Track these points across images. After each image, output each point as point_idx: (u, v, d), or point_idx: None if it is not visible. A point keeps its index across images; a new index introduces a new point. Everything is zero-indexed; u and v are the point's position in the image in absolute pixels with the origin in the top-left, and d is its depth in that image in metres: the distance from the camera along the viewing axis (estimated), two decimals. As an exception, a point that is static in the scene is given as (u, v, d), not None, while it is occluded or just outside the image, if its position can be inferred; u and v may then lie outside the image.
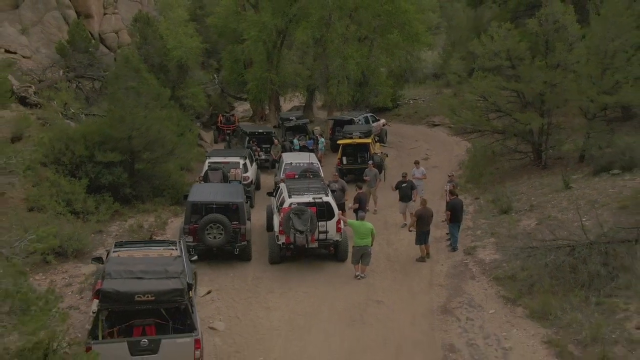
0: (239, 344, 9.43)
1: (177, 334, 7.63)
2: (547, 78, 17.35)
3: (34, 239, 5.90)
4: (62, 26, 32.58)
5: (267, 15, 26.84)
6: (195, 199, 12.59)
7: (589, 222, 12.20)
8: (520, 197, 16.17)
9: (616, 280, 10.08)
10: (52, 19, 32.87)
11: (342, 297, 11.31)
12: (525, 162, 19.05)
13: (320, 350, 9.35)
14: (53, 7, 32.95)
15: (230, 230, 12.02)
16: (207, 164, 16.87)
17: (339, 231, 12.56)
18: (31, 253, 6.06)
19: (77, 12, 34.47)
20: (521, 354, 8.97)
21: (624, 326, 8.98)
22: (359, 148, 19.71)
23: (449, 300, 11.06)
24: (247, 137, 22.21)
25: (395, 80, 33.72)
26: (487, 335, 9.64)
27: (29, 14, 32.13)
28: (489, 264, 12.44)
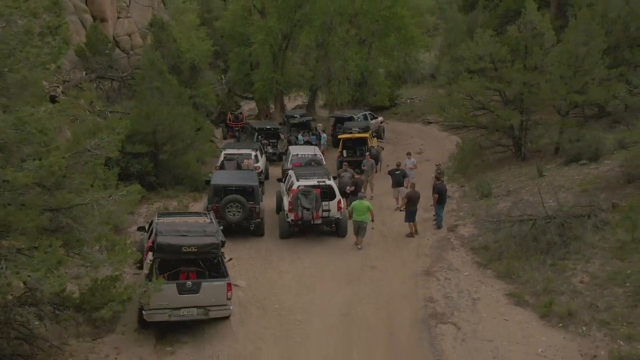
0: (259, 297, 11.56)
1: (213, 279, 9.77)
2: (525, 79, 19.42)
3: (124, 194, 8.04)
4: (79, 30, 34.69)
5: (273, 20, 28.92)
6: (217, 182, 14.76)
7: (554, 203, 14.30)
8: (500, 184, 18.29)
9: (568, 247, 12.22)
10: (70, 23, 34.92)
11: (342, 263, 13.45)
12: (507, 155, 21.13)
13: (324, 301, 11.49)
14: (71, 11, 35.06)
15: (247, 208, 14.16)
16: (223, 155, 19.00)
17: (339, 210, 14.71)
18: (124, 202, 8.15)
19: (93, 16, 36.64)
20: (487, 303, 11.09)
21: (570, 281, 11.11)
22: (358, 142, 21.84)
23: (431, 265, 13.19)
24: (256, 132, 24.35)
25: (393, 80, 35.82)
26: (461, 290, 11.77)
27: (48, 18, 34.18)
28: (467, 238, 14.59)
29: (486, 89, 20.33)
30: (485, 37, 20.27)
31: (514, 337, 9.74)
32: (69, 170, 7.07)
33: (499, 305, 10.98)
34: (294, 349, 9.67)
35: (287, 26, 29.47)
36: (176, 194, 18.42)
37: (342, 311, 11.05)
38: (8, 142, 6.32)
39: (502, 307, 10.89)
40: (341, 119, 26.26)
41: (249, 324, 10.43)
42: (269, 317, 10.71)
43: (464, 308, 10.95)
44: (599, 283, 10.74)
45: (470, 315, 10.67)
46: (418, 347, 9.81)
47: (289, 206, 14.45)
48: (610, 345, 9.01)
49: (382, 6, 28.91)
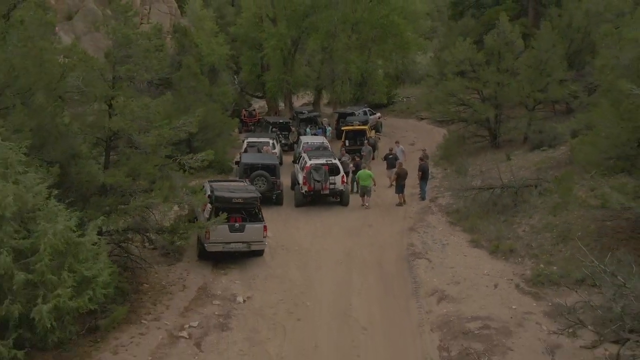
0: (283, 243, 15.39)
1: (254, 222, 13.62)
2: (498, 80, 23.26)
3: (202, 156, 11.86)
4: (108, 35, 38.60)
5: (284, 28, 32.78)
6: (247, 161, 18.64)
7: (513, 177, 18.12)
8: (475, 167, 22.10)
9: (518, 208, 16.07)
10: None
11: (345, 223, 17.30)
12: (484, 144, 24.97)
13: (332, 246, 15.33)
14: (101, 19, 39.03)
15: (270, 181, 18.00)
16: (246, 142, 22.85)
17: (343, 183, 18.56)
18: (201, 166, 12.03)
19: (119, 22, 40.47)
20: (452, 247, 14.91)
21: (516, 231, 14.93)
22: (358, 133, 25.69)
23: (414, 224, 17.02)
24: (271, 126, 28.22)
25: (391, 80, 39.70)
26: (435, 239, 15.59)
27: (81, 25, 38.10)
28: (444, 206, 18.43)
29: (466, 88, 24.19)
30: (465, 44, 24.15)
31: (468, 265, 13.56)
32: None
33: (461, 248, 14.81)
34: (310, 273, 13.52)
35: (296, 32, 33.32)
36: (207, 175, 22.21)
37: (345, 252, 14.90)
38: (138, 119, 10.13)
39: (463, 249, 14.72)
40: (344, 115, 30.10)
41: (277, 257, 14.29)
42: (292, 254, 14.58)
43: (435, 249, 14.79)
44: (535, 231, 14.56)
45: (439, 253, 14.50)
46: (400, 273, 13.66)
47: (303, 180, 18.29)
48: (534, 268, 12.82)
49: (380, 15, 32.71)
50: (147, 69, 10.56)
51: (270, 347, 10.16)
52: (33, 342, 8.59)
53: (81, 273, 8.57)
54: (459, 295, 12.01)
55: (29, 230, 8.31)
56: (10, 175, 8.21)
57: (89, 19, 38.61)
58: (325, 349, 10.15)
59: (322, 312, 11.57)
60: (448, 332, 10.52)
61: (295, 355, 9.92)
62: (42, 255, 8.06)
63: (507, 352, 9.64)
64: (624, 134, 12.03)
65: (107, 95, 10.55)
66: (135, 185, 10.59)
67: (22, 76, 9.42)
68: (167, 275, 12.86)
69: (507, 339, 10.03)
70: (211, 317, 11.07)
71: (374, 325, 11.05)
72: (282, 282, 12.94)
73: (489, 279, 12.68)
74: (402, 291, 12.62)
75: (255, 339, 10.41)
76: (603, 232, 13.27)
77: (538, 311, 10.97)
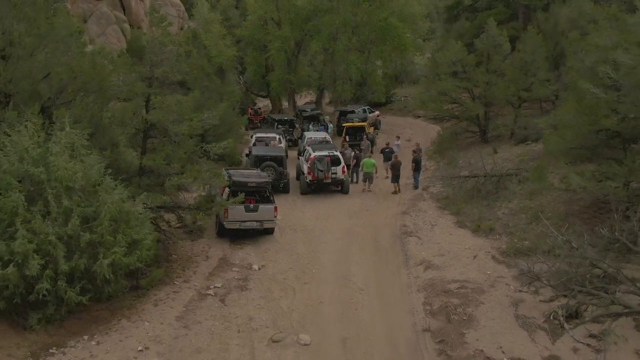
0: (290, 223, 17.38)
1: (266, 203, 15.63)
2: (487, 80, 25.21)
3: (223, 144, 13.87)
4: (120, 37, 40.69)
5: (288, 30, 34.78)
6: (257, 153, 20.66)
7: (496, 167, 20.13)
8: (466, 159, 24.10)
9: (499, 194, 18.08)
10: (112, 32, 40.96)
11: (345, 208, 19.30)
12: (474, 139, 26.95)
13: (334, 226, 17.32)
14: (113, 21, 41.09)
15: (278, 171, 19.98)
16: (255, 137, 24.85)
17: (343, 173, 20.56)
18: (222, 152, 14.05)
19: (131, 25, 42.65)
20: (440, 227, 16.91)
21: (496, 213, 16.93)
22: (357, 129, 27.67)
23: (407, 209, 19.03)
24: (276, 123, 30.21)
25: (389, 81, 41.69)
26: (425, 221, 17.59)
27: (95, 28, 40.14)
28: (435, 194, 20.44)
29: (458, 87, 26.16)
30: (457, 47, 26.15)
31: (453, 241, 15.56)
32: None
33: (448, 227, 16.83)
34: (315, 248, 15.53)
35: (299, 35, 35.32)
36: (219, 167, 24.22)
37: (346, 231, 16.91)
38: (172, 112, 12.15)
39: (449, 228, 16.73)
40: (344, 112, 32.08)
41: (286, 235, 16.30)
42: (298, 233, 16.59)
43: (425, 229, 16.80)
44: (512, 213, 16.58)
45: (428, 232, 16.52)
46: (393, 247, 15.66)
47: (308, 170, 20.30)
48: (509, 243, 14.81)
49: (379, 18, 34.64)
50: (179, 71, 12.58)
51: (282, 302, 12.17)
52: (92, 293, 10.60)
53: (131, 236, 10.60)
54: (443, 264, 14.02)
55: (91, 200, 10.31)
56: (76, 156, 10.23)
57: (102, 21, 40.70)
58: (328, 304, 12.15)
59: (326, 277, 13.57)
60: (431, 292, 12.53)
61: (303, 308, 11.92)
62: (103, 220, 10.09)
63: (480, 305, 11.64)
64: (584, 127, 14.00)
65: (145, 92, 12.56)
66: (169, 168, 12.62)
67: (79, 76, 11.42)
68: (192, 249, 14.89)
69: (480, 295, 12.03)
70: (232, 280, 13.10)
71: (370, 287, 13.05)
72: (290, 254, 14.95)
73: (470, 252, 14.69)
74: (394, 261, 14.62)
75: (270, 297, 12.42)
76: (570, 212, 15.31)
77: (509, 276, 12.97)
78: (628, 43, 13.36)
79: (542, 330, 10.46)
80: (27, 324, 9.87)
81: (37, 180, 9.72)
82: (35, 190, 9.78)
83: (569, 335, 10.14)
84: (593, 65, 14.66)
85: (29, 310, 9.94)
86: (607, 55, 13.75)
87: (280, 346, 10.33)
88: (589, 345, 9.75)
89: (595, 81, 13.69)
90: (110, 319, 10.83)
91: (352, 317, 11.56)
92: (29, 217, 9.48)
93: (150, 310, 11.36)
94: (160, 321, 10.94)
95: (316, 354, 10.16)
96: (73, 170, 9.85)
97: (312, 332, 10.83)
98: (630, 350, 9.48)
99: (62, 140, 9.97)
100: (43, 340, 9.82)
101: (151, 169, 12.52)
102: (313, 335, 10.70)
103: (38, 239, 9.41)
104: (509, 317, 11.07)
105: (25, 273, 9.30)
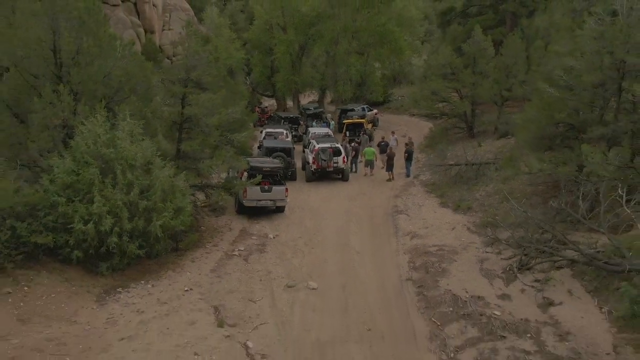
0: (298, 204, 20.25)
1: (278, 185, 18.50)
2: (473, 81, 28.08)
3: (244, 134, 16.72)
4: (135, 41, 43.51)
5: (292, 35, 37.66)
6: (268, 145, 23.52)
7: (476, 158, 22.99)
8: (453, 151, 26.89)
9: (478, 179, 20.95)
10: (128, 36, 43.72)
11: (345, 192, 22.18)
12: (463, 135, 29.81)
13: (335, 207, 20.19)
14: (129, 26, 43.95)
15: (286, 160, 22.84)
16: (265, 132, 27.72)
17: (344, 163, 23.43)
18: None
19: (145, 29, 45.52)
20: (426, 207, 19.77)
21: (474, 195, 19.81)
22: (357, 126, 30.57)
23: (399, 193, 21.91)
24: (282, 120, 33.10)
25: (387, 81, 44.57)
26: (414, 202, 20.46)
27: (112, 32, 42.88)
28: (424, 180, 23.32)
29: (447, 87, 29.04)
30: (447, 51, 29.02)
31: (436, 217, 18.42)
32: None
33: (433, 207, 19.70)
34: (320, 222, 18.39)
35: (303, 39, 38.20)
36: (232, 158, 27.12)
37: (345, 210, 19.77)
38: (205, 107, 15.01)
39: (434, 208, 19.61)
40: (345, 111, 34.98)
41: (294, 213, 19.17)
42: (305, 211, 19.46)
43: (413, 209, 19.67)
44: (488, 195, 19.45)
45: (416, 211, 19.39)
46: (385, 222, 18.53)
47: (312, 160, 23.16)
48: (483, 217, 17.66)
49: (377, 24, 37.52)
50: (210, 74, 15.47)
51: (294, 261, 15.03)
52: (146, 249, 13.45)
53: (176, 204, 13.47)
54: (426, 234, 16.89)
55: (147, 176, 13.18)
56: (134, 141, 13.10)
57: (119, 26, 43.55)
58: (331, 262, 15.01)
59: (329, 244, 16.44)
60: (415, 253, 15.39)
61: (311, 265, 14.78)
62: (156, 190, 12.97)
63: (452, 262, 14.48)
64: (544, 121, 16.85)
65: (181, 92, 15.45)
66: (202, 153, 15.51)
67: (132, 78, 14.29)
68: (217, 222, 17.77)
69: (453, 255, 14.89)
70: (252, 245, 15.97)
71: (365, 251, 15.92)
72: (299, 227, 17.83)
73: (449, 225, 17.56)
74: (386, 233, 17.50)
75: (284, 257, 15.29)
76: (535, 192, 18.19)
77: (479, 242, 15.81)
78: (578, 51, 16.22)
79: (500, 279, 13.31)
80: (98, 271, 12.74)
81: (108, 158, 12.59)
82: (106, 167, 12.65)
83: (519, 281, 12.99)
84: (551, 69, 17.54)
85: (99, 260, 12.82)
86: (562, 61, 16.61)
87: (293, 290, 13.21)
88: (533, 287, 12.59)
89: (552, 83, 16.58)
90: (159, 271, 13.71)
91: (350, 271, 14.42)
92: (102, 187, 12.36)
93: (189, 265, 14.25)
94: (198, 272, 13.82)
95: (322, 295, 13.02)
96: (134, 151, 12.73)
97: (318, 281, 13.69)
98: (564, 291, 12.30)
99: (125, 129, 12.85)
100: (111, 283, 12.71)
101: (187, 154, 15.40)
102: (319, 283, 13.57)
103: (109, 203, 12.28)
104: (475, 270, 13.91)
105: (99, 229, 12.17)
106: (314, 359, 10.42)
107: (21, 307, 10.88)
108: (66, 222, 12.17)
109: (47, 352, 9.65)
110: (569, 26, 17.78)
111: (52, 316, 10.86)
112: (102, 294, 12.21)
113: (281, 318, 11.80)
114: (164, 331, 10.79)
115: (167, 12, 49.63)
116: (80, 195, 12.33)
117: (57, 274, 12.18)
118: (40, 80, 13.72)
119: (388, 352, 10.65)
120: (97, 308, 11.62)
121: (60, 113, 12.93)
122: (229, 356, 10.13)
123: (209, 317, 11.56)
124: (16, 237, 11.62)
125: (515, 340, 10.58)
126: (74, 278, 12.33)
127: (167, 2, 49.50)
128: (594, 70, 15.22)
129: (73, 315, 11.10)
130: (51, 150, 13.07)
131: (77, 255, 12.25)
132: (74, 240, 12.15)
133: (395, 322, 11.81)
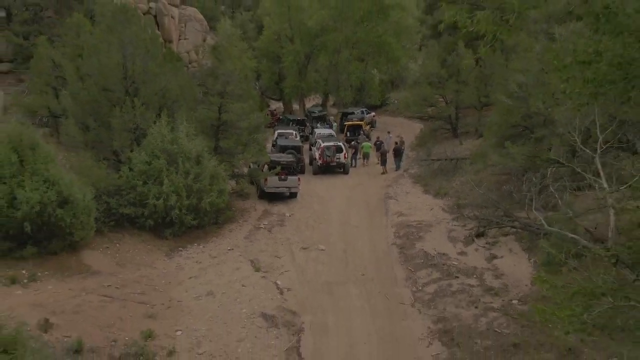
0: (308, 192, 24.74)
1: (292, 175, 23.02)
2: (456, 88, 32.58)
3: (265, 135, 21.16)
4: (156, 49, 47.89)
5: (299, 45, 42.17)
6: (281, 143, 28.07)
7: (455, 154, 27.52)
8: (439, 149, 31.43)
9: (455, 172, 25.47)
10: (150, 45, 48.11)
11: (346, 183, 26.72)
12: (448, 135, 34.30)
13: (338, 195, 24.72)
14: (150, 36, 48.31)
15: (297, 156, 27.34)
16: (277, 133, 32.24)
17: (345, 158, 27.98)
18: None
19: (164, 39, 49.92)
20: (412, 194, 24.29)
21: (452, 184, 24.33)
22: (356, 127, 35.12)
23: (391, 184, 26.43)
24: (291, 122, 37.65)
25: (385, 86, 49.10)
26: (402, 190, 24.99)
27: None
28: (413, 174, 27.86)
29: (434, 93, 33.56)
30: (434, 62, 33.57)
31: (419, 201, 22.94)
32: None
33: (417, 194, 24.22)
34: (326, 206, 22.92)
35: (309, 49, 42.70)
36: (249, 155, 31.61)
37: (346, 197, 24.31)
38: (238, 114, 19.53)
39: (418, 194, 24.13)
40: (346, 114, 39.52)
41: (305, 198, 23.71)
42: (314, 198, 24.00)
43: (401, 195, 24.19)
44: (462, 184, 23.93)
45: (403, 197, 23.91)
46: (378, 205, 23.06)
47: (318, 156, 27.70)
48: (455, 201, 22.14)
49: (375, 35, 42.00)
50: (240, 87, 20.00)
51: (306, 232, 19.56)
52: (197, 221, 17.96)
53: (219, 187, 18.01)
54: (409, 213, 21.41)
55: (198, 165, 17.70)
56: (190, 139, 17.64)
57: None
58: (335, 234, 19.54)
59: (333, 221, 20.96)
60: (400, 226, 19.91)
61: (319, 236, 19.30)
62: (205, 176, 17.51)
63: (427, 232, 18.99)
64: (503, 122, 21.36)
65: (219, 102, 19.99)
66: (236, 149, 20.07)
67: (184, 91, 18.82)
68: (244, 205, 22.33)
69: (429, 227, 19.40)
70: (274, 221, 20.51)
71: (362, 226, 20.46)
72: (309, 209, 22.37)
73: (429, 206, 22.08)
74: (379, 213, 22.03)
75: (299, 229, 19.82)
76: (499, 180, 22.68)
77: (450, 218, 20.31)
78: (529, 68, 20.72)
79: (461, 242, 17.83)
80: (163, 235, 17.29)
81: (172, 152, 17.14)
82: (170, 158, 17.18)
83: (475, 244, 17.50)
84: (509, 82, 22.06)
85: (164, 228, 17.35)
86: (515, 77, 21.12)
87: (307, 250, 17.74)
88: (484, 247, 17.10)
89: (508, 93, 21.09)
90: (206, 237, 18.27)
91: (350, 240, 18.96)
92: (168, 173, 16.89)
93: (227, 234, 18.80)
94: (235, 238, 18.38)
95: (328, 254, 17.55)
96: (190, 147, 17.27)
97: (325, 245, 18.23)
98: (506, 249, 16.80)
99: (184, 131, 17.40)
100: (173, 244, 17.26)
101: (223, 150, 19.95)
102: (326, 247, 18.11)
103: (174, 185, 16.81)
104: (444, 237, 18.43)
105: (167, 204, 16.70)
106: (324, 292, 14.95)
107: (117, 257, 15.45)
108: (142, 199, 16.71)
109: (143, 283, 14.20)
110: (528, 46, 22.19)
111: (139, 263, 15.44)
112: (169, 252, 16.78)
113: (299, 268, 16.35)
114: (218, 273, 15.36)
115: (182, 22, 54.15)
116: (151, 180, 16.87)
117: (136, 236, 16.76)
118: (115, 94, 18.26)
119: (376, 289, 15.18)
120: (167, 260, 16.19)
121: (134, 119, 17.46)
122: (266, 288, 14.68)
123: (248, 266, 16.12)
124: (109, 209, 16.17)
125: (465, 279, 15.11)
126: (147, 240, 16.91)
127: (183, 13, 54.02)
128: (538, 86, 19.71)
129: (152, 263, 15.66)
130: (127, 147, 17.61)
131: (149, 223, 16.81)
132: (147, 212, 16.69)
133: (382, 270, 16.36)
